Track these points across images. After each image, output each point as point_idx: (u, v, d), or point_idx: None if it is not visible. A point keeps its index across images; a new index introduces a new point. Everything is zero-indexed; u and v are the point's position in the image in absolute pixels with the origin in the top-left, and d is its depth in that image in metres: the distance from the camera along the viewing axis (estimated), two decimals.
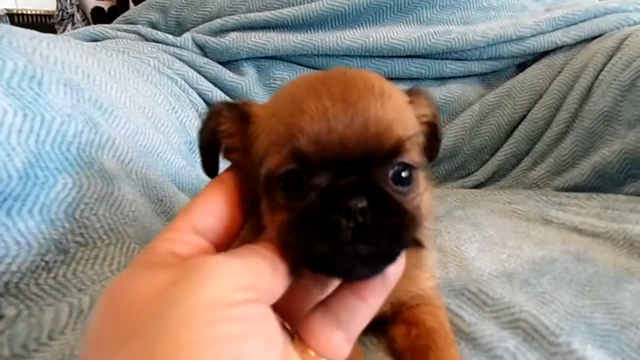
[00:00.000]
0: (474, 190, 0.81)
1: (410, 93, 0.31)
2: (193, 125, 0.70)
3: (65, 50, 0.49)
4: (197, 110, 0.76)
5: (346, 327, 0.24)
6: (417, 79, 0.87)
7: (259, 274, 0.23)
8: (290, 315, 0.25)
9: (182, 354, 0.18)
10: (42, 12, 1.77)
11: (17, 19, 1.96)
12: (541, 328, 0.28)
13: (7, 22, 1.92)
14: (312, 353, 0.24)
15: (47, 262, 0.35)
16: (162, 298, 0.20)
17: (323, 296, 0.26)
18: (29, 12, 1.97)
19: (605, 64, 0.78)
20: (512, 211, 0.57)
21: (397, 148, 0.26)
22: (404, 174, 0.27)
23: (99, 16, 1.07)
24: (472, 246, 0.45)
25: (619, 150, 0.68)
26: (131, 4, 1.01)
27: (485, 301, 0.34)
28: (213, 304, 0.20)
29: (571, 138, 0.77)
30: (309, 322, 0.25)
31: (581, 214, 0.55)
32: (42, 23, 1.77)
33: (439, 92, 0.87)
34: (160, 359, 0.18)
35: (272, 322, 0.22)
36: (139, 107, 0.56)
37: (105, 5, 1.07)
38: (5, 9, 1.92)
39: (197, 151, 0.65)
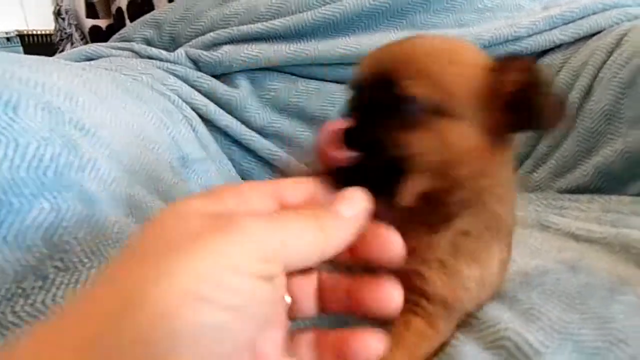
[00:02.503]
0: None
1: (506, 59, 0.30)
2: (186, 140, 0.70)
3: (48, 72, 0.49)
4: (191, 125, 0.76)
5: None
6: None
7: (288, 242, 0.22)
8: None
9: (176, 298, 0.18)
10: (52, 32, 1.80)
11: (28, 39, 2.00)
12: (525, 346, 0.27)
13: (18, 42, 1.96)
14: None
15: (24, 289, 0.35)
16: (190, 238, 0.20)
17: None
18: (39, 33, 2.01)
19: (605, 62, 0.76)
20: None
21: (394, 79, 0.28)
22: (405, 108, 0.28)
23: (97, 35, 1.08)
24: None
25: (621, 150, 0.66)
26: (127, 21, 1.01)
27: (469, 321, 0.32)
28: (222, 267, 0.20)
29: (573, 138, 0.75)
30: None
31: (580, 218, 0.53)
32: (52, 42, 1.81)
33: None
34: (153, 298, 0.18)
35: (268, 306, 0.21)
36: (126, 125, 0.56)
37: (103, 24, 1.08)
38: (17, 30, 1.96)
39: (191, 166, 0.64)
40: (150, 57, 0.84)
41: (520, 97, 0.28)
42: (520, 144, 0.81)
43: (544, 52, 0.86)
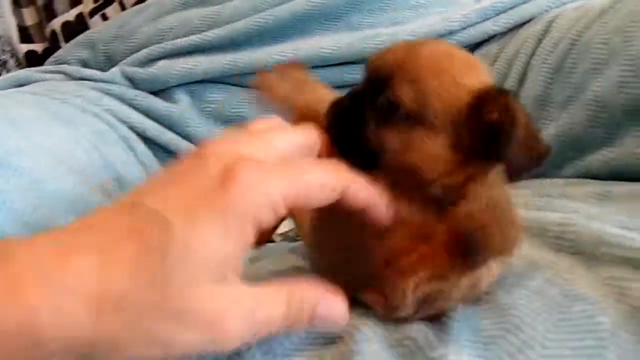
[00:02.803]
0: None
1: (490, 92, 0.31)
2: (122, 161, 0.68)
3: None
4: (128, 145, 0.74)
5: None
6: (354, 85, 0.86)
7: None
8: None
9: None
10: None
11: None
12: (423, 342, 0.27)
13: None
14: None
15: None
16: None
17: None
18: None
19: (535, 49, 0.77)
20: None
21: (389, 82, 0.31)
22: (387, 107, 0.31)
23: (33, 59, 1.05)
24: None
25: (554, 134, 0.67)
26: (63, 43, 0.99)
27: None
28: None
29: None
30: None
31: None
32: None
33: None
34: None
35: None
36: (48, 151, 0.54)
37: (39, 48, 1.05)
38: None
39: (128, 187, 0.63)
40: (83, 79, 0.82)
41: (493, 132, 0.29)
42: None
43: (480, 44, 0.87)
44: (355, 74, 0.86)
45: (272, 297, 0.24)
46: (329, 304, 0.25)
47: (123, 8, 0.98)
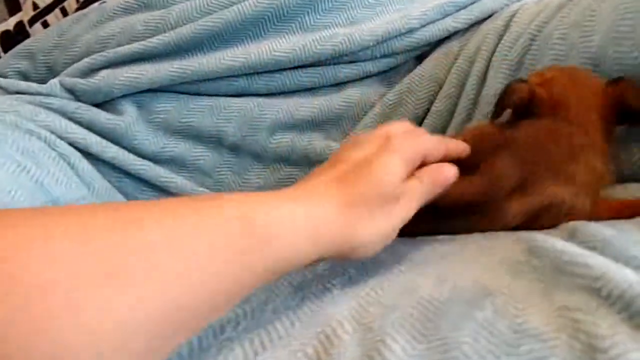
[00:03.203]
0: None
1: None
2: (57, 181, 0.63)
3: None
4: (68, 163, 0.69)
5: None
6: (312, 88, 0.82)
7: None
8: None
9: None
10: None
11: None
12: None
13: None
14: None
15: None
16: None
17: None
18: None
19: (496, 45, 0.75)
20: None
21: None
22: None
23: None
24: (339, 280, 0.40)
25: None
26: (2, 54, 0.93)
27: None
28: None
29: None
30: None
31: None
32: None
33: (338, 99, 0.82)
34: None
35: None
36: None
37: None
38: None
39: None
40: (19, 92, 0.76)
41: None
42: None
43: (441, 41, 0.84)
44: (313, 77, 0.82)
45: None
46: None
47: (65, 15, 0.93)
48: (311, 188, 0.36)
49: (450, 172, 0.40)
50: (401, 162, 0.38)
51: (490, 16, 0.82)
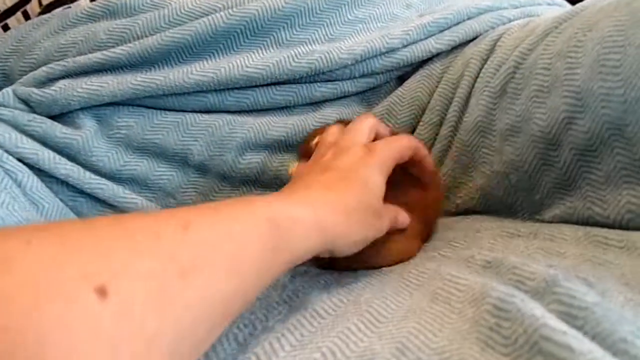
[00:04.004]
0: None
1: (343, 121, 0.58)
2: (3, 204, 0.57)
3: None
4: (14, 181, 0.63)
5: None
6: (285, 107, 0.78)
7: None
8: None
9: None
10: None
11: None
12: None
13: None
14: None
15: None
16: None
17: None
18: None
19: (480, 70, 0.71)
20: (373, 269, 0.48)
21: None
22: None
23: None
24: (288, 339, 0.35)
25: (502, 172, 0.61)
26: None
27: None
28: None
29: (450, 155, 0.69)
30: None
31: (450, 259, 0.46)
32: None
33: (312, 119, 0.78)
34: None
35: None
36: None
37: None
38: None
39: None
40: None
41: None
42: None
43: (424, 62, 0.80)
44: (287, 95, 0.77)
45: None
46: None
47: (27, 19, 0.87)
48: (312, 194, 0.41)
49: (404, 221, 0.50)
50: (382, 176, 0.45)
51: (474, 38, 0.79)
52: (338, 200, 0.41)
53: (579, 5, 0.62)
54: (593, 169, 0.50)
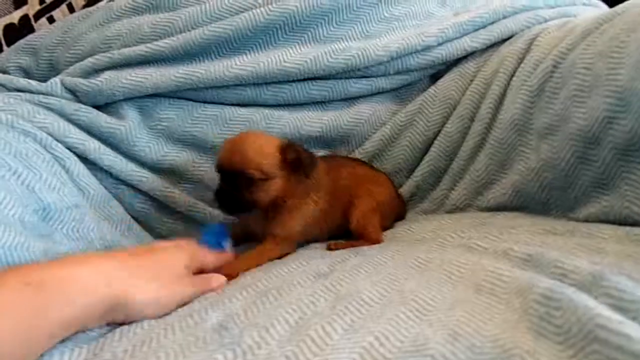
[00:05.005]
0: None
1: (284, 146, 0.61)
2: (50, 187, 0.60)
3: None
4: (63, 167, 0.66)
5: None
6: (321, 102, 0.79)
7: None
8: None
9: None
10: None
11: None
12: None
13: None
14: None
15: None
16: None
17: None
18: None
19: (516, 68, 0.72)
20: (413, 261, 0.49)
21: (242, 169, 0.59)
22: (249, 180, 0.60)
23: None
24: (339, 323, 0.37)
25: (537, 168, 0.61)
26: (5, 47, 0.90)
27: None
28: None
29: (485, 152, 0.70)
30: None
31: (487, 252, 0.48)
32: None
33: (348, 115, 0.79)
34: None
35: None
36: None
37: None
38: None
39: (56, 217, 0.56)
40: (19, 90, 0.73)
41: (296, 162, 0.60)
42: (436, 157, 0.76)
43: (458, 61, 0.81)
44: (323, 90, 0.79)
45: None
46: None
47: (72, 11, 0.90)
48: (106, 254, 0.46)
49: (217, 283, 0.51)
50: (186, 256, 0.50)
51: (509, 38, 0.79)
52: (131, 259, 0.45)
53: (620, 6, 0.62)
54: (633, 169, 0.50)
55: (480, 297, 0.37)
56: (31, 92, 0.73)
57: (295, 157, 0.60)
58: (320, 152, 0.79)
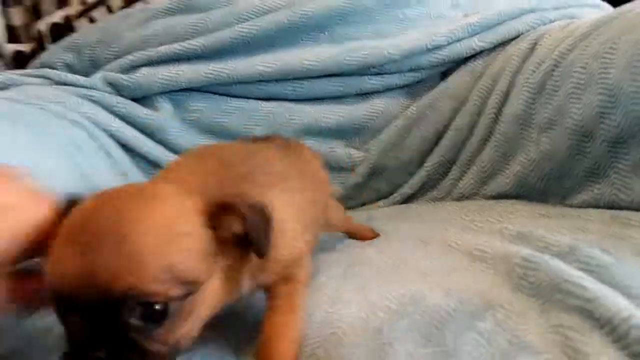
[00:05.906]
0: (401, 207, 0.79)
1: (215, 211, 0.33)
2: (99, 171, 0.68)
3: None
4: (107, 154, 0.74)
5: None
6: (338, 97, 0.86)
7: None
8: None
9: None
10: None
11: None
12: None
13: None
14: None
15: None
16: None
17: None
18: None
19: (520, 67, 0.77)
20: (418, 238, 0.55)
21: (128, 294, 0.28)
22: (152, 311, 0.29)
23: (21, 61, 1.04)
24: (351, 284, 0.43)
25: (536, 160, 0.67)
26: (50, 45, 0.98)
27: None
28: None
29: (490, 144, 0.76)
30: None
31: (484, 230, 0.54)
32: None
33: (362, 109, 0.86)
34: None
35: None
36: (12, 162, 0.54)
37: (27, 49, 1.04)
38: None
39: None
40: (65, 84, 0.81)
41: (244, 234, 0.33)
42: (446, 149, 0.82)
43: (467, 60, 0.86)
44: (339, 86, 0.85)
45: None
46: None
47: (110, 12, 0.98)
48: None
49: None
50: None
51: (515, 37, 0.84)
52: None
53: (617, 9, 0.67)
54: (621, 159, 0.56)
55: (473, 264, 0.44)
56: (75, 85, 0.81)
57: (242, 229, 0.34)
58: (335, 143, 0.85)
